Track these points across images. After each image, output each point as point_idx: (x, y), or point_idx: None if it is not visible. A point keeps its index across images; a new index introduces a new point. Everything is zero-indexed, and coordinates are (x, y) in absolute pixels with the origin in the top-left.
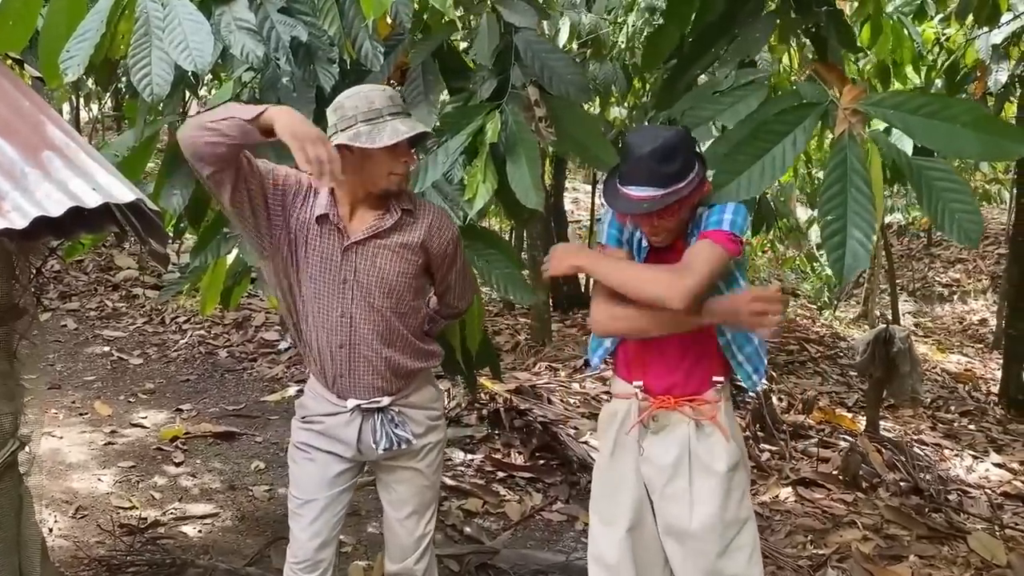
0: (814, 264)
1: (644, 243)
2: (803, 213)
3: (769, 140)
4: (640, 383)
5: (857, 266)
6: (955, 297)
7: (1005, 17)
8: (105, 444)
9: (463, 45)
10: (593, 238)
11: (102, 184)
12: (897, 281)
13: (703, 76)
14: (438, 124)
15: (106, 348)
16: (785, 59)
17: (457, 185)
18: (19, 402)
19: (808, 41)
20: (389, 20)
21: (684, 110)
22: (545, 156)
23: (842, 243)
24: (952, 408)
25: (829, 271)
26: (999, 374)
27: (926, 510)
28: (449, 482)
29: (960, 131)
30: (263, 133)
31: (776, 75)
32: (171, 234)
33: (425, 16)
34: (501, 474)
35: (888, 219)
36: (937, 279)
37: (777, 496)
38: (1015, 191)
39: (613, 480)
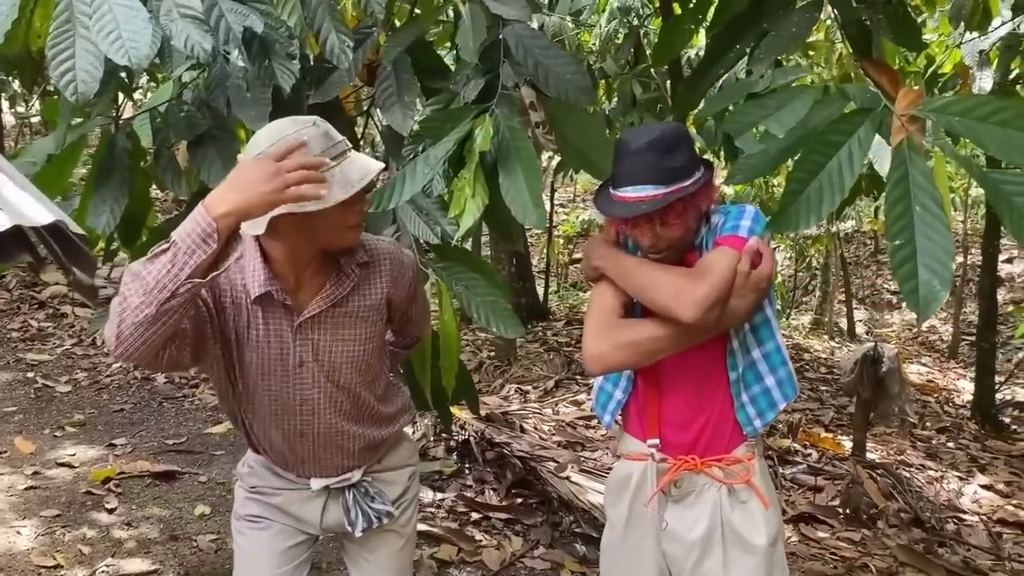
0: None
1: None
2: None
3: (823, 153)
4: (656, 440)
5: (932, 299)
6: (903, 305)
7: (995, 23)
8: (26, 489)
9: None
10: (552, 248)
11: (12, 202)
12: (851, 289)
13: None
14: (416, 130)
15: (30, 374)
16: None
17: (436, 200)
18: None
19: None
20: (353, 12)
21: (711, 114)
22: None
23: (913, 273)
24: (928, 424)
25: (779, 280)
26: (961, 385)
27: (934, 546)
28: (419, 527)
29: None
30: (223, 234)
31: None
32: (101, 257)
33: (394, 12)
34: (475, 515)
35: (839, 226)
36: (886, 286)
37: None
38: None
39: (628, 560)
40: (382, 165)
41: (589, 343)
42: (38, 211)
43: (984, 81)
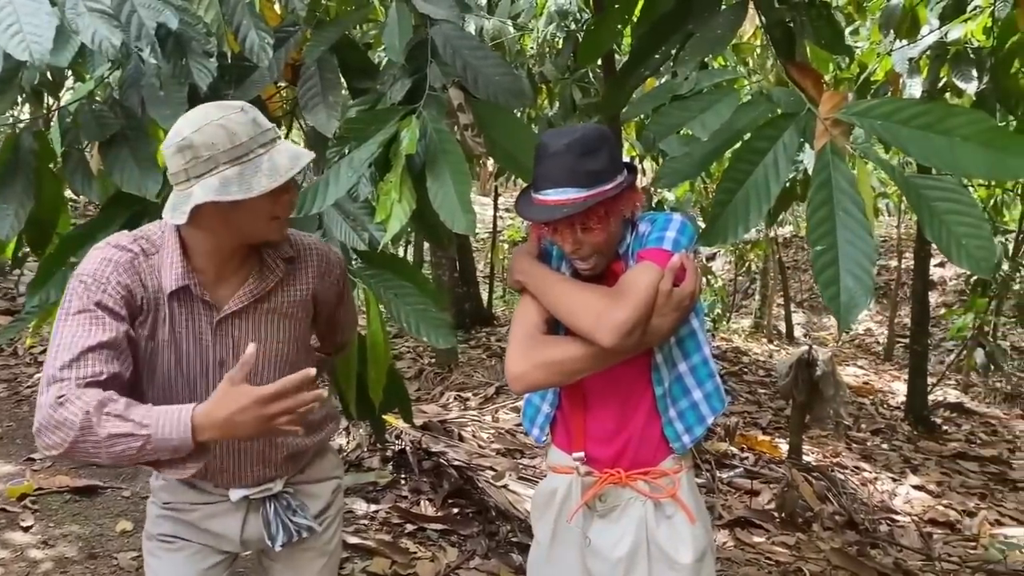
0: (707, 276)
1: (565, 270)
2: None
3: (749, 161)
4: (581, 453)
5: (854, 305)
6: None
7: (923, 31)
8: None
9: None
10: (496, 253)
11: None
12: (789, 293)
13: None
14: (340, 131)
15: None
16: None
17: (363, 204)
18: None
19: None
20: (278, 8)
21: (639, 116)
22: (472, 170)
23: (835, 278)
24: (863, 426)
25: (719, 284)
26: (896, 386)
27: (867, 548)
28: (351, 539)
29: (961, 146)
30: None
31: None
32: (8, 264)
33: (319, 12)
34: (410, 527)
35: (778, 231)
36: None
37: (715, 541)
38: None
39: None
40: (312, 154)
41: (510, 363)
42: None
43: (914, 88)
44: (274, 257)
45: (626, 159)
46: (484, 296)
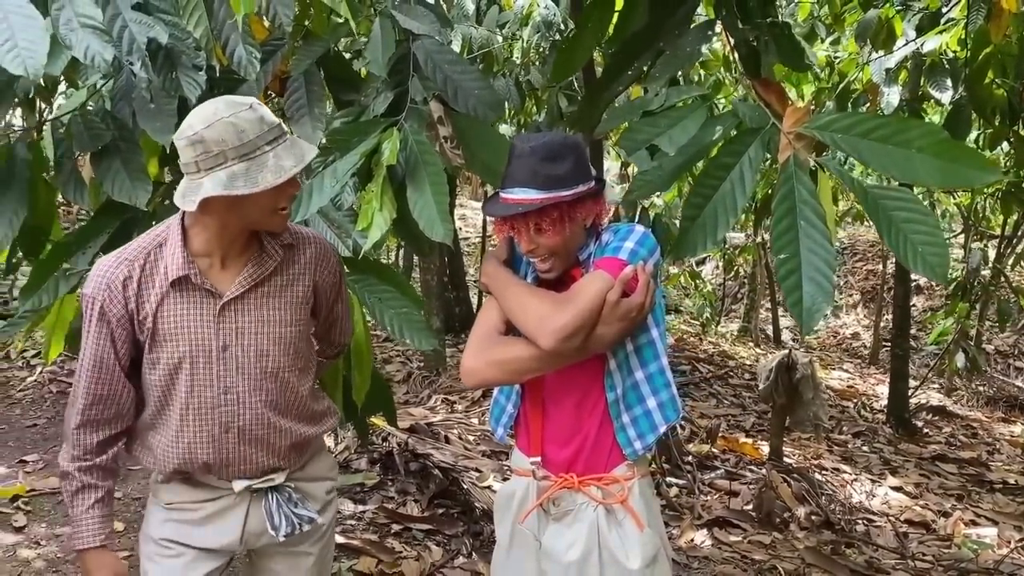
0: (696, 281)
1: (530, 276)
2: None
3: (716, 176)
4: (538, 458)
5: (816, 309)
6: (824, 317)
7: (899, 43)
8: None
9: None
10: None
11: None
12: (776, 297)
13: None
14: (324, 142)
15: None
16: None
17: (347, 212)
18: None
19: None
20: (267, 22)
21: (611, 130)
22: (453, 181)
23: (797, 285)
24: (845, 429)
25: (708, 288)
26: (880, 390)
27: (842, 547)
28: (338, 539)
29: (916, 157)
30: None
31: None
32: (2, 269)
33: (308, 23)
34: (396, 527)
35: (764, 236)
36: None
37: (693, 540)
38: None
39: None
40: (315, 151)
41: (465, 358)
42: None
43: (891, 97)
44: (273, 244)
45: (598, 171)
46: (474, 301)
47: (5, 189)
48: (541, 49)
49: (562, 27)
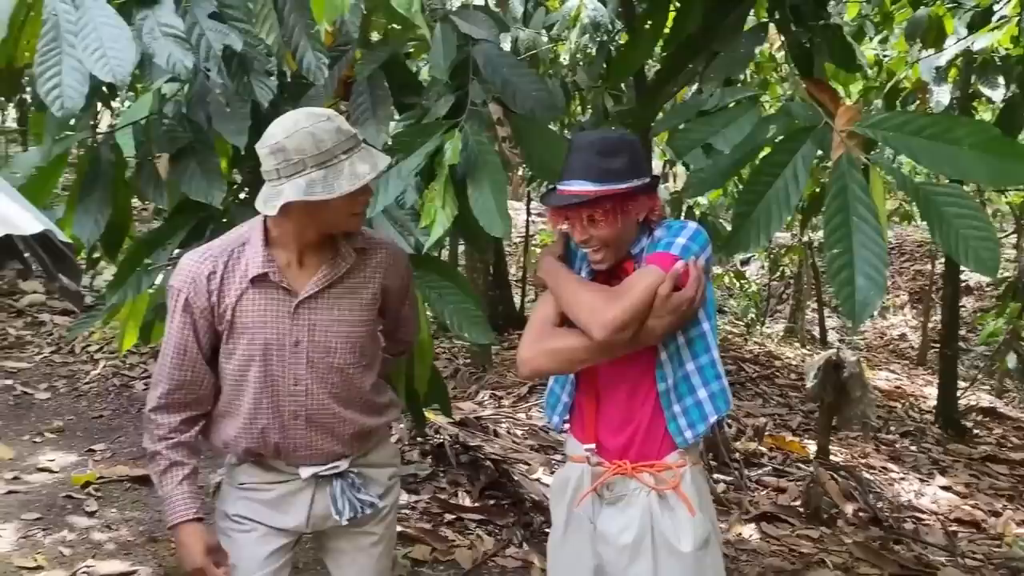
0: (741, 281)
1: (584, 271)
2: None
3: (770, 174)
4: (593, 445)
5: (868, 303)
6: (875, 313)
7: (949, 41)
8: (7, 493)
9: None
10: (528, 257)
11: (2, 212)
12: (823, 297)
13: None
14: (388, 143)
15: (8, 381)
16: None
17: (409, 211)
18: None
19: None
20: (328, 28)
21: (668, 129)
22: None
23: (850, 279)
24: (892, 429)
25: (753, 289)
26: (928, 391)
27: (890, 543)
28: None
29: (967, 154)
30: None
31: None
32: (84, 264)
33: (376, 33)
34: (449, 516)
35: (811, 236)
36: None
37: (741, 534)
38: None
39: (567, 561)
40: (388, 160)
41: (522, 347)
42: (27, 221)
43: (941, 96)
44: (347, 247)
45: (656, 170)
46: (517, 299)
47: (91, 189)
48: (588, 50)
49: (610, 28)
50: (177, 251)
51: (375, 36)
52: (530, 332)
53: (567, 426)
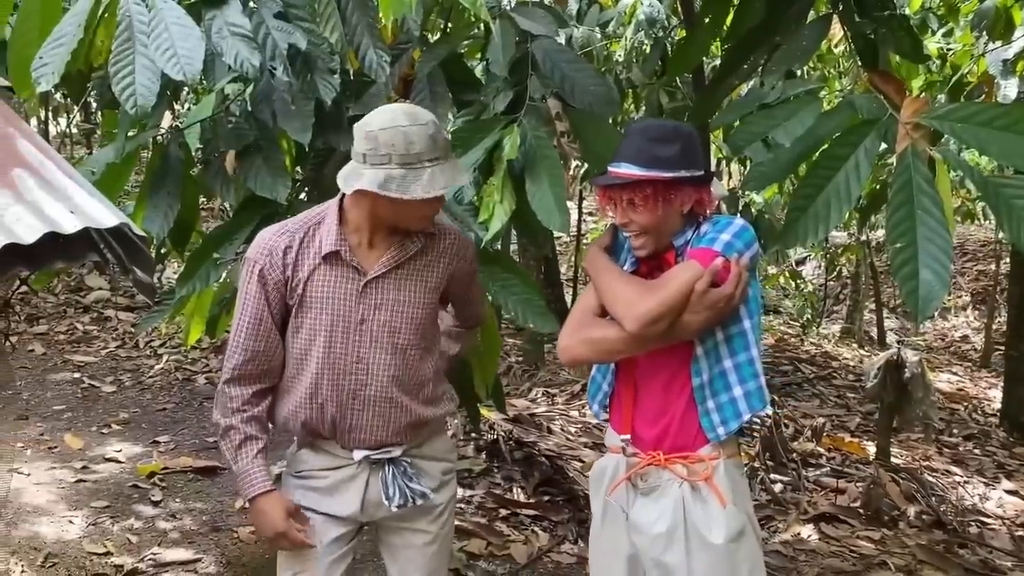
0: (796, 281)
1: (628, 263)
2: None
3: (830, 167)
4: (628, 436)
5: (933, 298)
6: (936, 313)
7: (1017, 32)
8: (76, 482)
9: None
10: (579, 256)
11: (81, 207)
12: (881, 298)
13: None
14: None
15: (76, 374)
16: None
17: (467, 205)
18: None
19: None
20: (390, 28)
21: (728, 123)
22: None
23: (914, 273)
24: (955, 431)
25: (809, 289)
26: (992, 393)
27: (955, 547)
28: None
29: None
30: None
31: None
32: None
33: (429, 33)
34: (504, 511)
35: (869, 235)
36: None
37: (799, 534)
38: None
39: (604, 549)
40: (469, 176)
41: (562, 336)
42: (104, 215)
43: (1008, 90)
44: (416, 231)
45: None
46: (568, 298)
47: (160, 186)
48: (643, 46)
49: (665, 24)
50: (243, 246)
51: (431, 36)
52: (571, 321)
53: (606, 415)
